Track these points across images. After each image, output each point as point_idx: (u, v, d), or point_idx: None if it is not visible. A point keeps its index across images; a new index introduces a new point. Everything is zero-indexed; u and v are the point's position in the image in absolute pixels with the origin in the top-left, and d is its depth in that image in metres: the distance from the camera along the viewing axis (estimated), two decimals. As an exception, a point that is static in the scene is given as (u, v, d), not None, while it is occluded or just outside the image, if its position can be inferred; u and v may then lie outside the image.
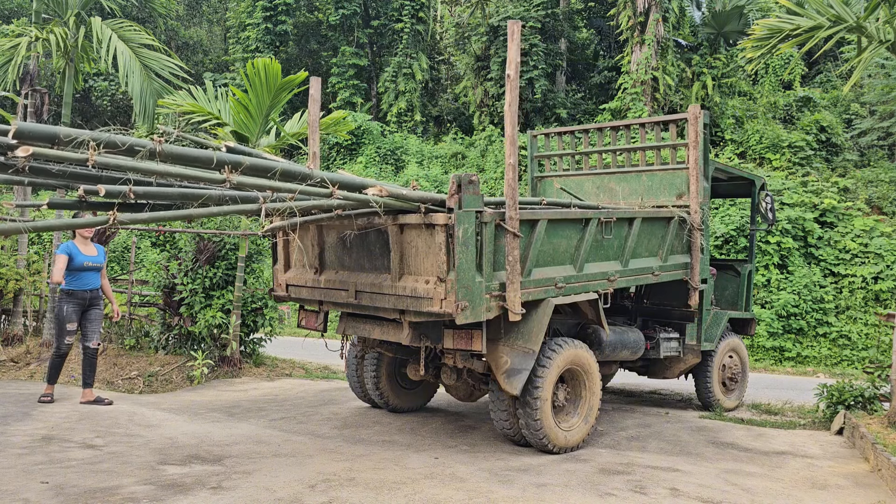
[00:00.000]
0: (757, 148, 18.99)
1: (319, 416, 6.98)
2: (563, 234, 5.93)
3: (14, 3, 26.78)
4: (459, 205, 4.92)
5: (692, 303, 7.37)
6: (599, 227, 6.20)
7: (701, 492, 4.97)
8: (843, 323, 15.02)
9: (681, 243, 7.24)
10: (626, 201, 7.90)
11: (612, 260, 6.49)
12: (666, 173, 7.63)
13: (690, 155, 7.18)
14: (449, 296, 4.94)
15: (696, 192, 7.21)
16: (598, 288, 6.22)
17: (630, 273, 6.65)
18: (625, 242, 6.58)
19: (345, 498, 4.45)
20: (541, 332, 5.55)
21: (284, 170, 4.35)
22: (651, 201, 7.69)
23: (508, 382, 5.47)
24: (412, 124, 25.29)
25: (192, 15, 33.88)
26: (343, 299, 5.81)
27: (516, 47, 5.17)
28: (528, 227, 5.54)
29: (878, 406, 7.22)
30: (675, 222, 7.06)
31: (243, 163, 4.14)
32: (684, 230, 7.18)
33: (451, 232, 4.92)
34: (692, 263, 7.29)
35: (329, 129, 10.58)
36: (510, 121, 5.24)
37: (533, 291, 5.58)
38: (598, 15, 26.13)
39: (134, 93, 9.90)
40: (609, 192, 8.12)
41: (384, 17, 27.04)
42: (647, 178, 7.79)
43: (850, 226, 16.17)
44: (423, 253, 5.15)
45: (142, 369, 8.76)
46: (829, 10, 7.50)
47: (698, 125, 7.11)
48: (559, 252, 5.92)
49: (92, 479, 4.64)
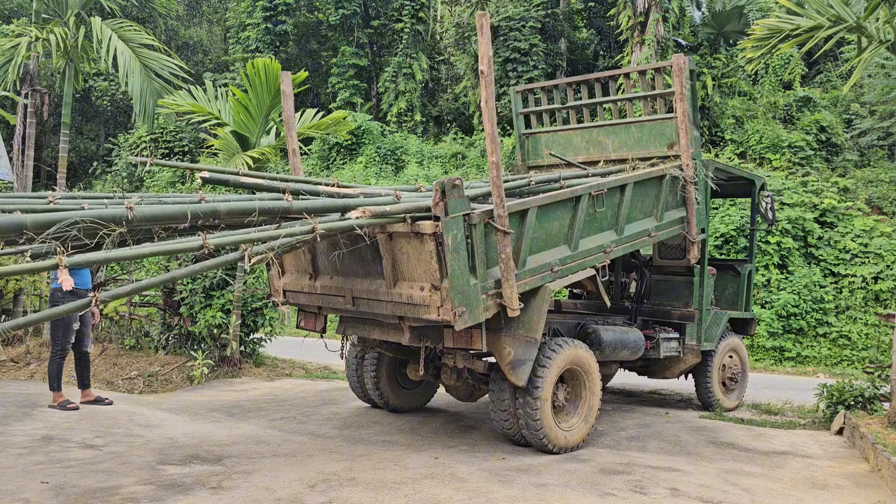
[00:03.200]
0: (757, 148, 18.97)
1: (319, 416, 6.98)
2: (555, 215, 5.79)
3: (14, 3, 26.76)
4: (445, 211, 4.79)
5: (691, 257, 7.24)
6: (591, 201, 6.03)
7: (701, 492, 4.96)
8: (843, 323, 15.01)
9: (675, 199, 7.06)
10: (616, 154, 7.69)
11: (607, 230, 6.36)
12: (655, 123, 7.42)
13: (678, 107, 6.92)
14: (445, 303, 4.88)
15: (686, 144, 6.96)
16: (594, 262, 6.13)
17: (626, 240, 6.51)
18: (618, 210, 6.42)
19: (345, 498, 4.44)
20: (541, 319, 5.52)
21: (263, 209, 4.28)
22: (642, 153, 7.50)
23: (514, 374, 5.46)
24: (412, 124, 25.27)
25: (192, 15, 33.85)
26: (341, 305, 5.78)
27: (487, 41, 4.96)
28: (518, 218, 5.42)
29: (878, 406, 7.22)
30: (668, 179, 6.85)
31: (219, 210, 4.08)
32: (678, 185, 6.99)
33: (441, 240, 4.81)
34: (688, 217, 7.12)
35: (329, 129, 10.58)
36: (489, 118, 5.06)
37: (529, 281, 5.51)
38: (598, 15, 26.12)
39: (134, 93, 9.90)
40: (599, 146, 7.88)
41: (384, 17, 27.02)
42: (636, 130, 7.58)
43: (850, 226, 16.16)
44: (414, 260, 5.06)
45: (142, 369, 8.76)
46: (829, 10, 7.50)
47: (683, 76, 6.84)
48: (552, 235, 5.80)
49: (92, 479, 4.64)
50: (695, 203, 7.11)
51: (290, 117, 6.59)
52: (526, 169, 8.58)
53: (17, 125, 13.71)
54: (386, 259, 5.21)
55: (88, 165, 30.29)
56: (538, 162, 8.50)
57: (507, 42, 22.50)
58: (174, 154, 26.71)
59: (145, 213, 3.82)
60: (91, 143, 30.44)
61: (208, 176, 4.83)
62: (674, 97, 6.98)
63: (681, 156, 7.04)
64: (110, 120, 30.57)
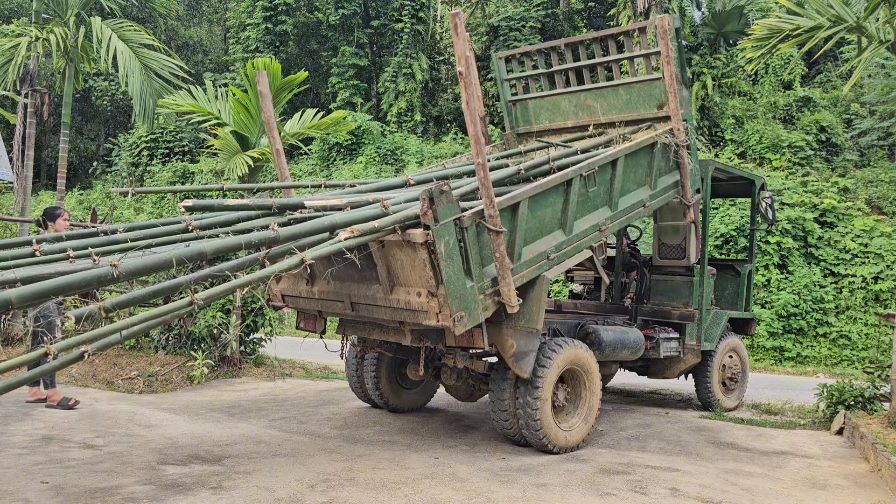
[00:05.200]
0: (757, 148, 18.98)
1: (319, 416, 6.98)
2: (547, 202, 5.69)
3: (14, 3, 26.77)
4: (435, 219, 4.67)
5: (687, 219, 7.21)
6: (582, 182, 5.92)
7: (701, 492, 4.96)
8: (843, 323, 15.01)
9: (668, 164, 6.94)
10: (605, 117, 7.58)
11: (601, 207, 6.25)
12: (643, 84, 7.28)
13: (665, 70, 6.74)
14: (443, 310, 4.84)
15: (675, 107, 6.79)
16: (590, 243, 6.07)
17: (621, 214, 6.42)
18: (611, 186, 6.30)
19: (345, 498, 4.45)
20: (541, 309, 5.50)
21: (249, 243, 4.26)
22: (631, 114, 7.40)
23: (518, 366, 5.46)
24: (412, 124, 25.28)
25: (192, 15, 33.87)
26: (340, 310, 5.75)
27: (463, 42, 4.76)
28: (510, 212, 5.34)
29: (878, 406, 7.22)
30: (660, 146, 6.73)
31: (205, 251, 4.05)
32: (670, 149, 6.87)
33: (433, 248, 4.72)
34: (682, 181, 7.03)
35: (329, 129, 10.59)
36: (471, 119, 4.87)
37: (526, 273, 5.46)
38: (598, 15, 26.13)
39: (134, 93, 9.91)
40: (588, 109, 7.75)
41: (384, 17, 27.03)
42: (624, 92, 7.46)
43: (850, 226, 16.16)
44: (408, 267, 4.99)
45: (142, 369, 8.75)
46: (829, 10, 7.50)
47: (668, 38, 6.63)
48: (546, 222, 5.72)
49: (92, 479, 4.64)
50: (688, 165, 7.00)
51: (270, 118, 6.51)
52: (515, 136, 8.48)
53: (17, 125, 13.72)
54: (380, 266, 5.15)
55: (88, 165, 30.32)
56: (528, 129, 8.36)
57: (507, 42, 22.51)
58: (174, 154, 26.72)
59: (130, 269, 3.79)
60: (91, 143, 30.45)
61: (192, 205, 4.83)
62: (660, 59, 6.78)
63: (671, 118, 6.89)
64: (110, 120, 30.60)
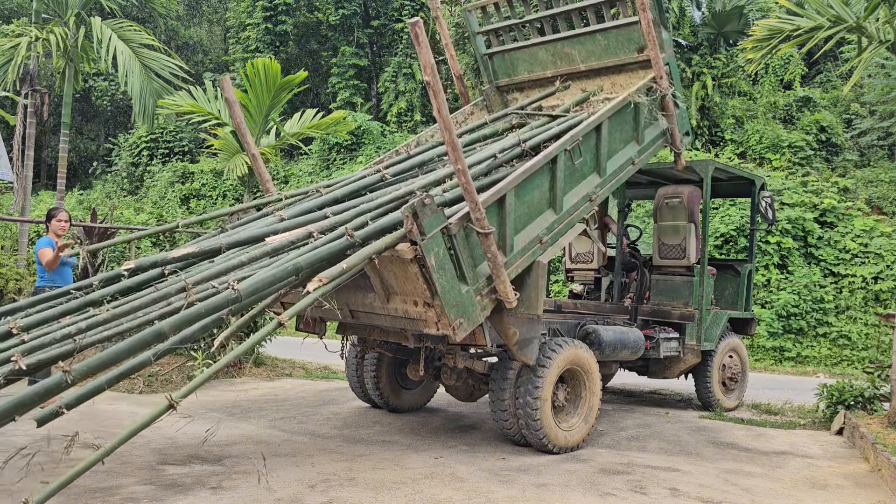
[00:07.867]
0: (757, 148, 18.97)
1: (319, 416, 6.99)
2: (533, 185, 5.58)
3: (14, 3, 26.78)
4: (422, 233, 4.55)
5: (679, 166, 7.18)
6: (567, 155, 5.80)
7: (701, 492, 4.96)
8: (843, 323, 15.01)
9: (652, 115, 6.77)
10: (585, 65, 7.48)
11: (590, 175, 6.12)
12: (622, 29, 7.10)
13: (641, 18, 6.51)
14: (442, 318, 4.82)
15: (656, 54, 6.61)
16: (582, 215, 6.01)
17: (610, 178, 6.30)
18: (598, 151, 6.16)
19: (345, 498, 4.45)
20: (540, 294, 5.49)
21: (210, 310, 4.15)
22: (612, 60, 7.30)
23: (522, 353, 5.49)
24: (412, 124, 25.27)
25: (192, 15, 33.86)
26: (340, 317, 5.75)
27: (426, 50, 4.55)
28: (496, 206, 5.24)
29: (878, 406, 7.22)
30: (644, 99, 6.57)
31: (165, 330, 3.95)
32: (655, 99, 6.73)
33: (423, 262, 4.64)
34: (671, 129, 6.91)
35: (329, 129, 10.59)
36: (444, 125, 4.70)
37: (520, 263, 5.42)
38: (598, 15, 26.11)
39: (134, 93, 9.91)
40: (566, 58, 7.62)
41: (384, 17, 27.04)
42: (602, 37, 7.29)
43: (850, 226, 16.16)
44: (401, 279, 4.92)
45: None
46: (829, 10, 7.50)
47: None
48: (535, 206, 5.62)
49: (92, 479, 4.64)
50: (674, 112, 6.87)
51: (241, 123, 6.48)
52: (495, 90, 8.41)
53: (17, 125, 13.72)
54: (373, 277, 5.11)
55: (88, 165, 30.34)
56: (508, 81, 8.28)
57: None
58: (174, 154, 26.72)
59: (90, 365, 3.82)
60: (91, 143, 30.46)
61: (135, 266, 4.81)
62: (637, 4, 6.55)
63: (653, 66, 6.74)
64: (110, 120, 30.60)
